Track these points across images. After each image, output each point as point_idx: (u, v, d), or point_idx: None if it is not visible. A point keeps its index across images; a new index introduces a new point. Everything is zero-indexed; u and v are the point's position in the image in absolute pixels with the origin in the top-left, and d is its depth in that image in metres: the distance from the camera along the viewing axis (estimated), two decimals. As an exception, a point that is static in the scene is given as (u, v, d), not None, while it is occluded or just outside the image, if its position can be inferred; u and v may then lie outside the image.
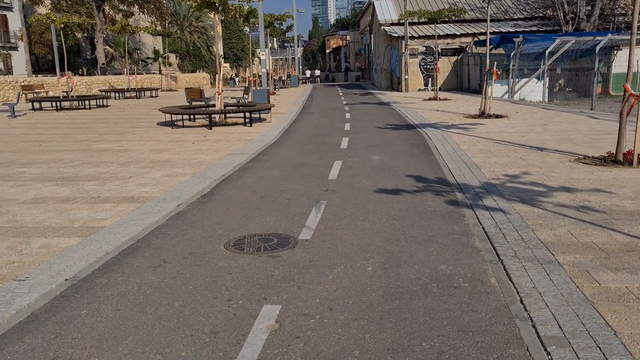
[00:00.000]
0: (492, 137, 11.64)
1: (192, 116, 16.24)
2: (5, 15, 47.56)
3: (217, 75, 15.66)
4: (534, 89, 22.17)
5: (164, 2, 50.17)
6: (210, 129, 14.56)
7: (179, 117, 15.74)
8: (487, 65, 15.70)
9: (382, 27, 32.17)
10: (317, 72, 63.65)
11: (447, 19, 23.55)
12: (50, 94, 28.34)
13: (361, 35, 61.13)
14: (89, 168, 9.28)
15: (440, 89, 28.50)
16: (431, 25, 30.71)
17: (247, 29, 47.56)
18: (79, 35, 53.63)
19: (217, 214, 6.41)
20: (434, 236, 5.35)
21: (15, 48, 48.09)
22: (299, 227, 5.77)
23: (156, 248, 5.25)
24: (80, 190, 7.65)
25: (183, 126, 15.28)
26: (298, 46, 65.23)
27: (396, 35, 29.77)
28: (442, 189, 7.32)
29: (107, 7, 48.62)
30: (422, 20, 29.49)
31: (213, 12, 15.29)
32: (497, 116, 15.18)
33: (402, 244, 5.14)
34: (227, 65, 69.11)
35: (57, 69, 33.00)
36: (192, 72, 55.25)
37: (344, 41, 74.72)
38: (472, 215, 6.05)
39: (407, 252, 4.91)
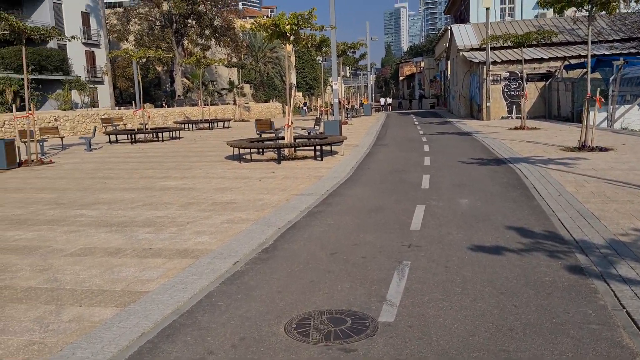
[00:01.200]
0: (602, 175, 9.94)
1: (260, 149, 15.53)
2: (93, 51, 50.29)
3: (286, 107, 14.90)
4: (637, 116, 19.86)
5: (240, 35, 51.25)
6: (279, 163, 13.73)
7: (247, 150, 15.06)
8: (589, 92, 13.92)
9: (460, 53, 30.67)
10: (390, 100, 62.52)
11: (534, 43, 21.78)
12: (129, 126, 28.99)
13: (436, 62, 59.61)
14: (148, 211, 8.57)
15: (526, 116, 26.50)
16: (515, 50, 28.93)
17: (319, 57, 47.51)
18: (159, 68, 55.93)
19: (278, 277, 5.35)
20: (562, 325, 3.99)
21: (101, 82, 50.62)
22: (378, 302, 4.58)
23: (201, 328, 4.23)
24: (132, 239, 6.87)
25: (251, 160, 14.57)
26: (371, 74, 64.55)
27: (476, 60, 28.16)
28: (556, 248, 5.88)
29: (185, 42, 50.30)
30: (506, 44, 27.85)
31: (285, 42, 14.62)
32: (600, 149, 13.33)
33: (520, 338, 3.82)
34: (300, 94, 69.66)
35: (137, 102, 33.98)
36: (266, 101, 55.83)
37: (418, 68, 73.38)
38: (606, 291, 4.61)
39: (530, 354, 3.59)
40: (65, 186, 11.43)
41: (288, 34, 14.21)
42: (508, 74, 27.61)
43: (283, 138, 15.66)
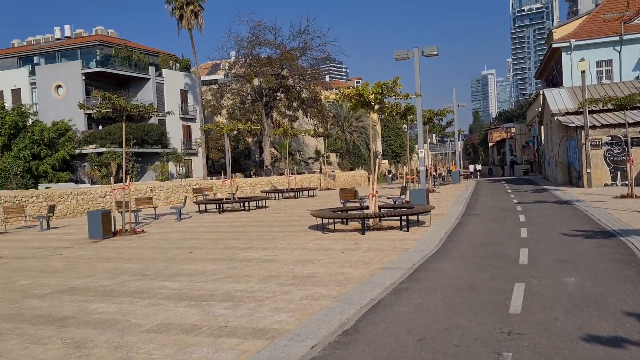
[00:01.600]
0: None
1: (344, 219, 15.19)
2: (189, 125, 53.72)
3: (371, 176, 14.60)
4: None
5: (326, 105, 52.69)
6: (363, 234, 13.28)
7: (331, 219, 14.77)
8: None
9: (555, 117, 29.29)
10: (479, 167, 60.81)
11: (638, 105, 20.28)
12: (219, 195, 29.95)
13: (528, 127, 57.62)
14: (228, 284, 8.37)
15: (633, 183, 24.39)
16: (616, 113, 27.21)
17: (405, 125, 47.45)
18: (249, 139, 58.43)
19: (359, 367, 4.79)
20: None
21: (195, 154, 53.61)
22: (475, 405, 3.89)
23: None
24: (209, 315, 6.62)
25: (334, 230, 14.24)
26: (458, 140, 63.53)
27: (573, 125, 26.68)
28: (693, 344, 4.89)
29: (274, 113, 52.40)
30: (606, 107, 26.26)
31: (369, 111, 14.55)
32: None
33: None
34: (385, 161, 69.65)
35: (227, 172, 35.32)
36: (351, 169, 56.21)
37: (509, 133, 71.30)
38: None
39: None
40: (152, 256, 11.63)
41: (372, 103, 14.14)
42: (609, 138, 25.83)
43: (367, 207, 15.27)
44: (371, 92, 13.80)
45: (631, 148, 24.89)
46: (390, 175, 53.61)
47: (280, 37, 50.70)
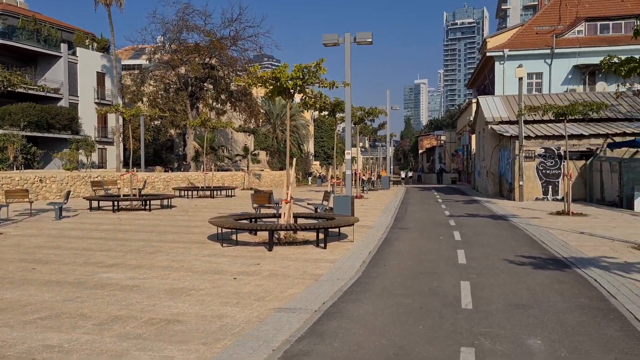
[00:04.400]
0: None
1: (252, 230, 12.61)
2: (108, 113, 49.08)
3: (285, 180, 12.13)
4: None
5: (257, 101, 49.83)
6: (270, 249, 10.77)
7: (236, 229, 12.14)
8: (668, 175, 10.91)
9: (489, 126, 28.08)
10: (410, 173, 60.09)
11: (577, 117, 19.06)
12: (126, 190, 26.50)
13: (458, 136, 57.40)
14: (43, 332, 5.58)
15: (562, 198, 23.41)
16: (549, 124, 26.33)
17: (340, 126, 45.45)
18: (172, 131, 54.45)
19: None
20: None
21: (111, 143, 49.12)
22: None
23: None
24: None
25: (237, 242, 11.63)
26: (390, 145, 62.57)
27: (508, 134, 25.47)
28: None
29: (200, 105, 48.92)
30: (539, 118, 25.24)
31: (287, 100, 12.06)
32: (690, 251, 10.17)
33: None
34: (317, 163, 67.63)
35: (141, 164, 31.90)
36: (281, 169, 53.66)
37: (439, 141, 71.33)
38: None
39: None
40: (-24, 273, 8.55)
41: (292, 90, 11.66)
42: (543, 150, 24.80)
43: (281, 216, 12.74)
44: (290, 76, 11.33)
45: (564, 162, 23.98)
46: (320, 178, 51.58)
47: (210, 24, 47.53)
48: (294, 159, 13.08)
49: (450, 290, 7.47)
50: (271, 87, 11.75)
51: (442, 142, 69.82)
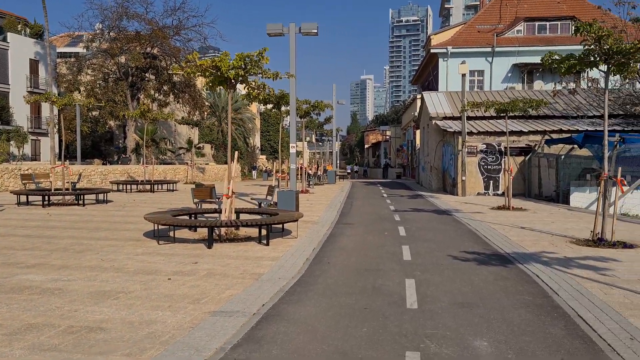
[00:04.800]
0: (664, 294, 6.87)
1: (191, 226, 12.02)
2: (39, 101, 46.52)
3: (227, 173, 11.62)
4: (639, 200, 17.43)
5: (202, 93, 48.53)
6: (209, 247, 10.26)
7: (174, 225, 11.52)
8: (605, 171, 11.15)
9: (433, 121, 28.38)
10: (356, 168, 60.45)
11: (518, 113, 19.47)
12: (59, 184, 25.07)
13: (403, 131, 58.13)
14: (-57, 344, 4.93)
15: (503, 193, 23.95)
16: (491, 121, 26.88)
17: (286, 120, 44.90)
18: (112, 123, 52.28)
19: None
20: None
21: (45, 134, 46.67)
22: None
23: None
24: None
25: (174, 240, 11.05)
26: (336, 140, 62.65)
27: (451, 130, 25.82)
28: None
29: (142, 96, 47.17)
30: (481, 115, 25.71)
31: (228, 90, 11.54)
32: (625, 245, 10.42)
33: None
34: (263, 157, 66.86)
35: (77, 156, 30.32)
36: (226, 163, 52.67)
37: (384, 136, 72.09)
38: None
39: None
40: None
41: (233, 80, 11.15)
42: (485, 146, 25.28)
43: (223, 211, 12.20)
44: (231, 65, 10.82)
45: (504, 157, 24.55)
46: (267, 172, 51.10)
47: (152, 12, 45.87)
48: (236, 152, 12.58)
49: (395, 289, 7.25)
50: (211, 76, 11.19)
51: (387, 137, 70.61)
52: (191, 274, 8.00)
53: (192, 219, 12.63)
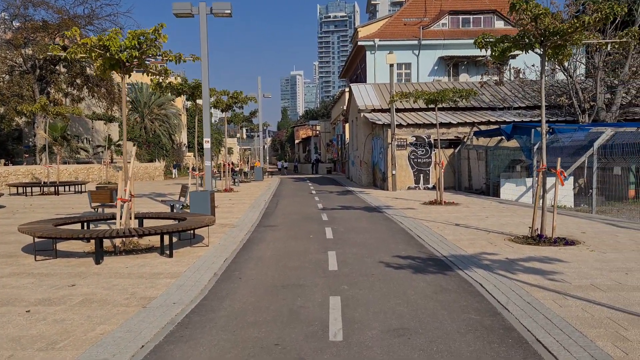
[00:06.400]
0: (614, 299, 5.94)
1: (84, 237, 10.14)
2: None
3: (122, 174, 9.86)
4: (570, 191, 17.13)
5: (118, 87, 45.38)
6: (98, 262, 8.52)
7: (58, 237, 9.63)
8: (543, 162, 10.35)
9: (362, 114, 27.44)
10: (286, 164, 59.14)
11: (447, 105, 18.80)
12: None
13: (332, 126, 57.31)
14: None
15: (433, 187, 23.40)
16: (419, 113, 26.28)
17: (218, 115, 42.63)
18: (18, 119, 47.97)
19: None
20: None
21: (-60, 132, 41.96)
22: None
23: None
24: None
25: (56, 255, 9.19)
26: (265, 135, 60.98)
27: (380, 122, 24.94)
28: None
29: (52, 90, 43.42)
30: (410, 107, 25.01)
31: (122, 75, 9.77)
32: (566, 242, 9.65)
33: None
34: (191, 154, 64.03)
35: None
36: (150, 161, 49.60)
37: (314, 131, 71.09)
38: None
39: None
40: None
41: (126, 63, 9.41)
42: (414, 138, 24.61)
43: (121, 217, 10.40)
44: (123, 45, 9.07)
45: (434, 150, 24.00)
46: (175, 170, 48.99)
47: (62, 0, 42.23)
48: (134, 147, 10.84)
49: (316, 312, 5.91)
50: (100, 58, 9.39)
51: (317, 132, 69.62)
52: (61, 302, 6.31)
53: (86, 228, 10.78)
